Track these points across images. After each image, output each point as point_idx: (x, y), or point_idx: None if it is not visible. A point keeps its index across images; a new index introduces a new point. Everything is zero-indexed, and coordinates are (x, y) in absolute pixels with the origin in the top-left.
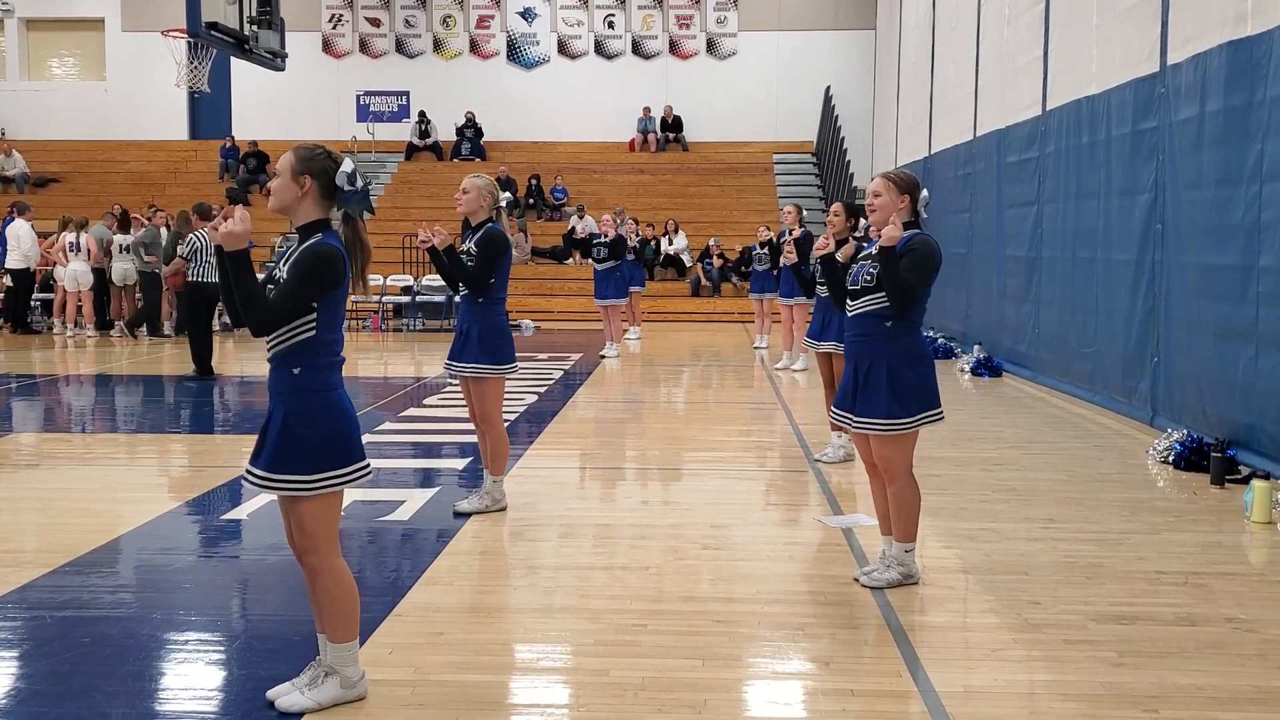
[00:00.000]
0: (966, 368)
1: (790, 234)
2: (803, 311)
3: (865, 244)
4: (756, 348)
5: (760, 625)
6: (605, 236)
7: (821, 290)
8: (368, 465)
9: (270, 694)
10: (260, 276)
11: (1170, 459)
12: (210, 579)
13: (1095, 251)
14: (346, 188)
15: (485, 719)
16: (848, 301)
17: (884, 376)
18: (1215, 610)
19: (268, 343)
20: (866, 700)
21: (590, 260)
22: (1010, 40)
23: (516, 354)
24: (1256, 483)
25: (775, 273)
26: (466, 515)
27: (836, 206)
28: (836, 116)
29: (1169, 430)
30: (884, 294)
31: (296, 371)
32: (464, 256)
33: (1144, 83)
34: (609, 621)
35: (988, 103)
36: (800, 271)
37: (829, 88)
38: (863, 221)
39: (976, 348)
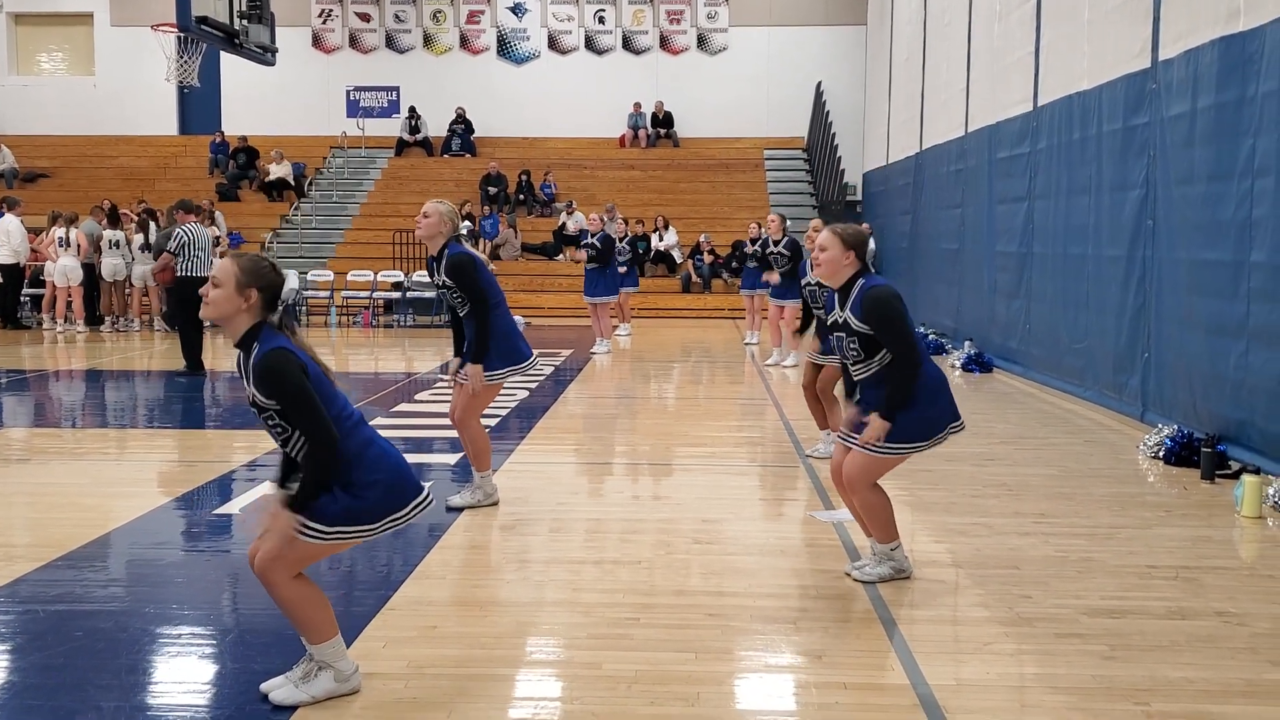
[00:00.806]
0: (957, 364)
1: (773, 244)
2: (794, 311)
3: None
4: (747, 344)
5: (752, 619)
6: (591, 233)
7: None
8: (410, 511)
9: (264, 687)
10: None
11: (1161, 454)
12: (202, 573)
13: (1086, 247)
14: (287, 300)
15: (478, 712)
16: (850, 368)
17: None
18: (1206, 604)
19: (297, 454)
20: (858, 693)
21: (579, 256)
22: (1001, 36)
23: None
24: (1247, 478)
25: (765, 270)
26: (458, 510)
27: (816, 222)
28: (828, 112)
29: (1160, 425)
30: (873, 361)
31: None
32: (444, 291)
33: (1135, 79)
34: (601, 615)
35: (979, 98)
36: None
37: (820, 83)
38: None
39: (967, 343)
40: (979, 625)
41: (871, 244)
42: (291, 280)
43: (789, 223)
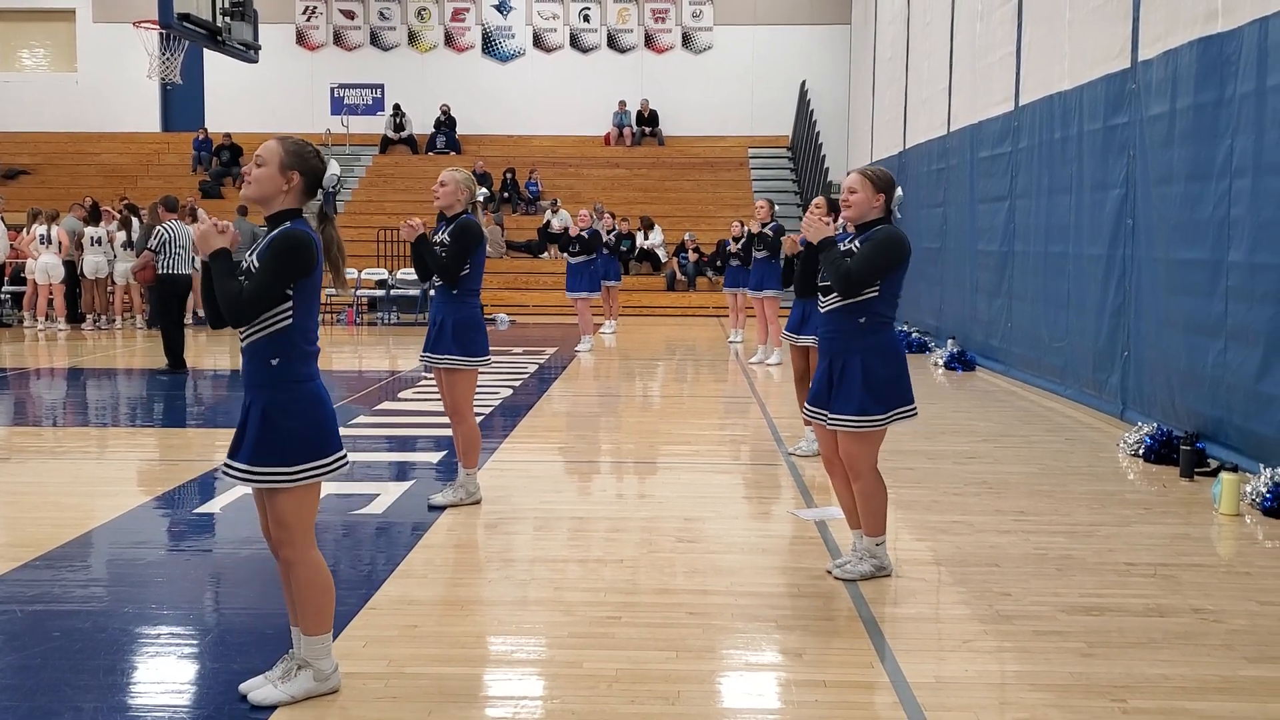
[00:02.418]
0: (940, 362)
1: (760, 226)
2: (774, 304)
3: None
4: (731, 342)
5: (733, 617)
6: (581, 229)
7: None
8: (345, 456)
9: (243, 687)
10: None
11: (1140, 452)
12: (182, 573)
13: (1067, 246)
14: (330, 189)
15: (459, 711)
16: (819, 297)
17: (858, 373)
18: (1183, 601)
19: (242, 334)
20: (838, 691)
21: (565, 254)
22: (983, 36)
23: (491, 348)
24: (1225, 475)
25: (748, 268)
26: (441, 508)
27: (819, 200)
28: (812, 111)
29: (1139, 424)
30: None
31: (275, 362)
32: (437, 247)
33: (1115, 79)
34: (583, 614)
35: (961, 98)
36: (790, 264)
37: (804, 82)
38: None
39: (950, 342)
40: (959, 623)
41: (900, 191)
42: (333, 166)
43: (777, 208)
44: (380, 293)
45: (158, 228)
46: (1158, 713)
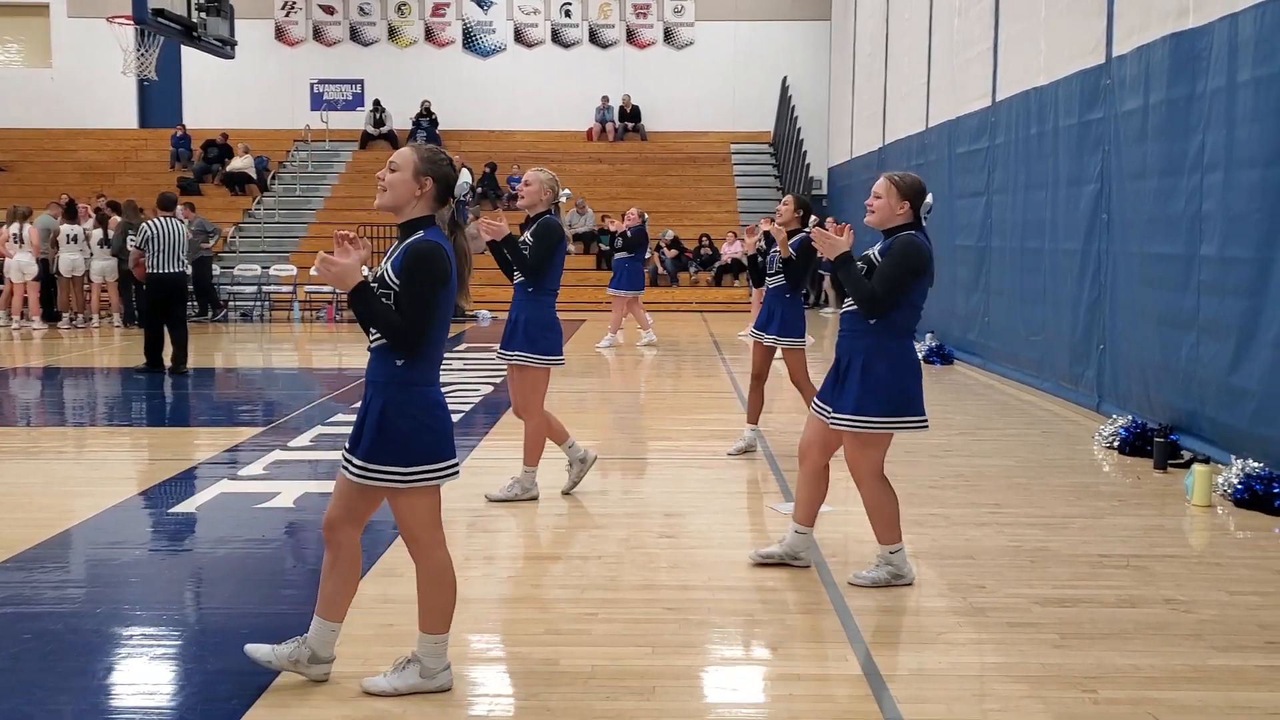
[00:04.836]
0: (919, 355)
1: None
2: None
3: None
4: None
5: (711, 612)
6: (628, 226)
7: (771, 281)
8: (457, 464)
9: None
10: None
11: (1115, 444)
12: (157, 573)
13: (1043, 241)
14: (461, 197)
15: (433, 709)
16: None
17: (858, 372)
18: (1155, 592)
19: (371, 334)
20: (813, 684)
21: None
22: (961, 32)
23: (470, 345)
24: (1197, 467)
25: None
26: (499, 502)
27: (787, 199)
28: (793, 107)
29: (1114, 416)
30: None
31: (399, 363)
32: (521, 246)
33: (1090, 74)
34: (561, 611)
35: (939, 94)
36: (754, 261)
37: (785, 78)
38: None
39: (928, 336)
40: (933, 615)
41: (929, 198)
42: (464, 175)
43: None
44: None
45: (142, 225)
46: (1128, 702)
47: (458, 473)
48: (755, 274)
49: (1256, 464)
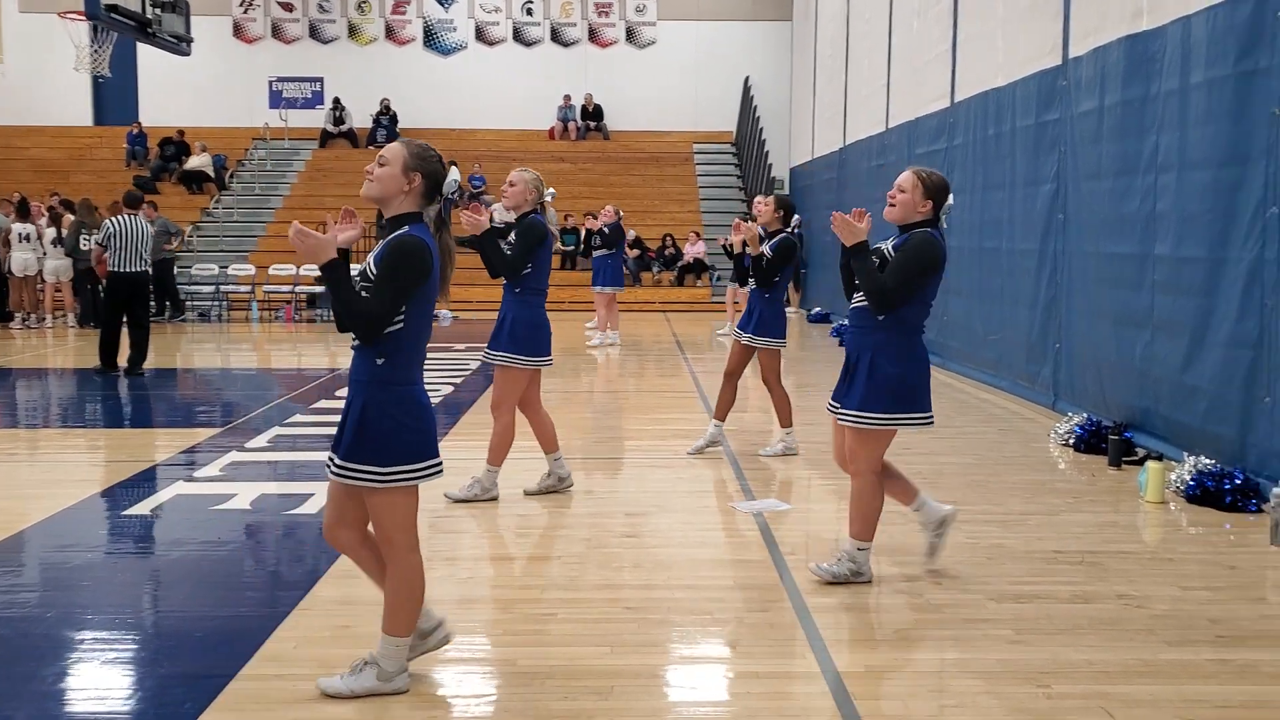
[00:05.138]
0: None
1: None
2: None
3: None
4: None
5: (670, 611)
6: (604, 224)
7: (752, 281)
8: (440, 463)
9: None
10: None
11: (1071, 442)
12: (110, 576)
13: (1000, 241)
14: (449, 195)
15: (387, 711)
16: (854, 295)
17: (865, 369)
18: (1109, 588)
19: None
20: (771, 682)
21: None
22: (920, 33)
23: (433, 344)
24: (1150, 464)
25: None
26: (460, 503)
27: (769, 199)
28: (755, 107)
29: (1070, 414)
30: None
31: (380, 361)
32: (504, 245)
33: (1047, 75)
34: (520, 611)
35: (899, 94)
36: (741, 260)
37: (748, 78)
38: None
39: None
40: (891, 612)
41: (951, 199)
42: (453, 173)
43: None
44: (319, 289)
45: (104, 222)
46: (1081, 697)
47: (440, 472)
48: (740, 272)
49: (1208, 461)
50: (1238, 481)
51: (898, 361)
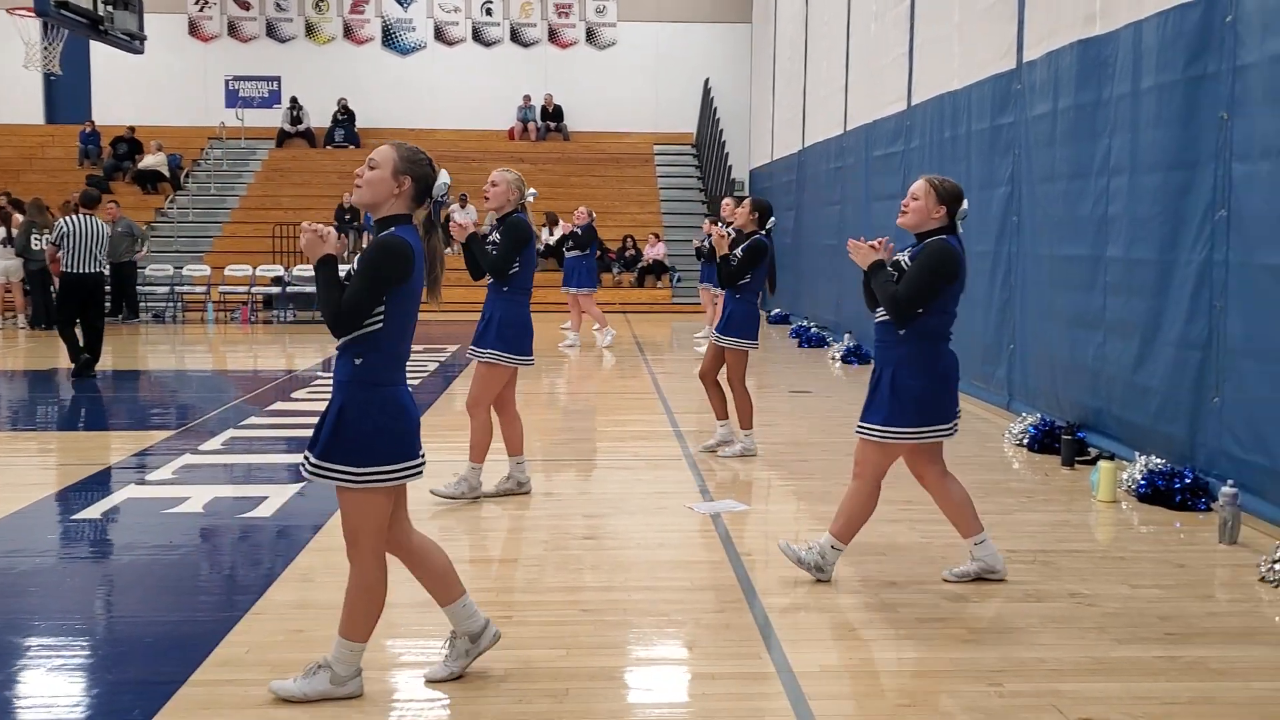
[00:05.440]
0: (837, 356)
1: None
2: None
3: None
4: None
5: (627, 613)
6: (576, 225)
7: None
8: (417, 466)
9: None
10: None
11: (1025, 442)
12: (58, 581)
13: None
14: (439, 198)
15: (340, 717)
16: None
17: (888, 384)
18: (1061, 586)
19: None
20: (726, 683)
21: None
22: (878, 36)
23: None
24: (1102, 463)
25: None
26: (444, 499)
27: (745, 202)
28: (715, 109)
29: (1024, 414)
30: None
31: (358, 362)
32: (488, 245)
33: (1002, 79)
34: None
35: (857, 97)
36: (725, 261)
37: (708, 80)
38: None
39: (847, 336)
40: (846, 612)
41: (965, 204)
42: (443, 176)
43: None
44: (276, 290)
45: (58, 221)
46: (1032, 695)
47: (418, 474)
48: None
49: (1159, 460)
50: (1187, 480)
51: (920, 375)
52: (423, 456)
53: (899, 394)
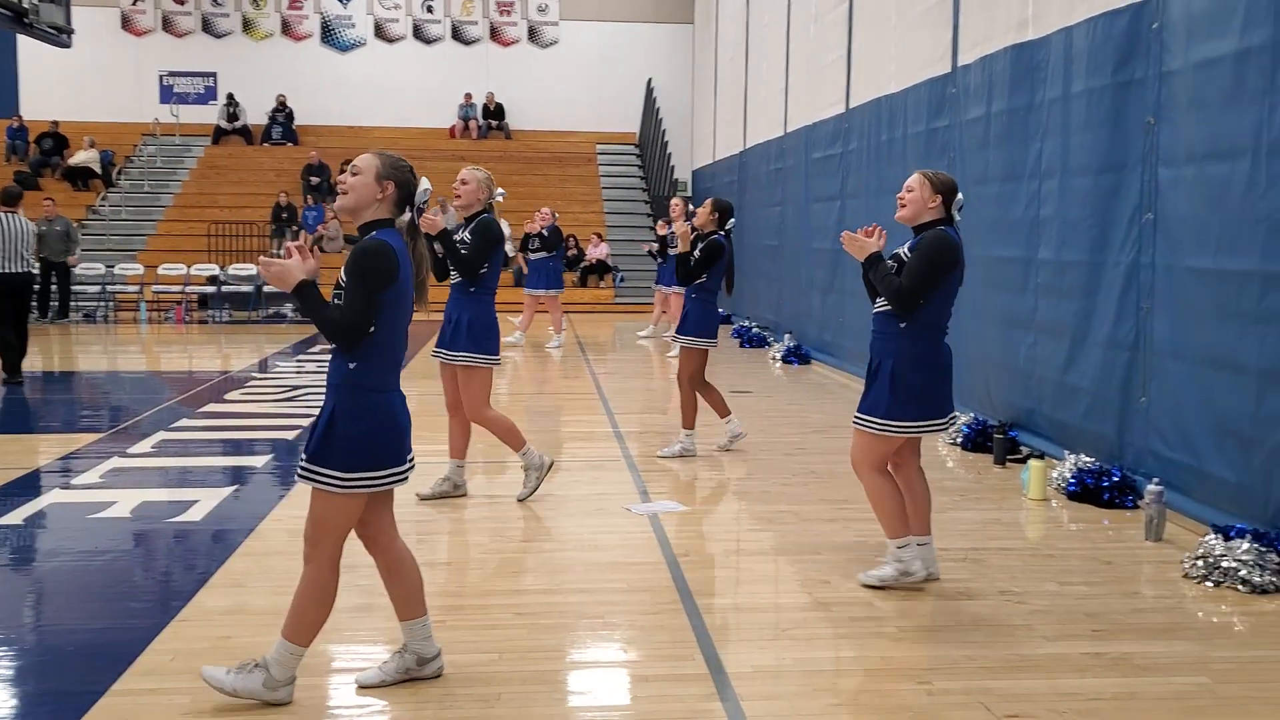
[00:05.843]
0: (778, 356)
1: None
2: (677, 298)
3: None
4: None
5: (562, 615)
6: (541, 226)
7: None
8: (404, 470)
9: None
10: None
11: (958, 441)
12: None
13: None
14: (420, 204)
15: None
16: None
17: (887, 377)
18: (990, 584)
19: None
20: (659, 685)
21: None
22: (817, 38)
23: None
24: (1033, 462)
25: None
26: (428, 498)
27: (708, 202)
28: (658, 109)
29: (957, 414)
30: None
31: (352, 366)
32: (458, 244)
33: (937, 83)
34: None
35: (797, 99)
36: (684, 259)
37: (650, 80)
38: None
39: (787, 336)
40: (779, 612)
41: (960, 196)
42: (424, 182)
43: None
44: (211, 289)
45: None
46: (961, 692)
47: (405, 479)
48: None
49: (1088, 459)
50: (1115, 479)
51: (920, 369)
52: (411, 461)
53: (899, 387)
